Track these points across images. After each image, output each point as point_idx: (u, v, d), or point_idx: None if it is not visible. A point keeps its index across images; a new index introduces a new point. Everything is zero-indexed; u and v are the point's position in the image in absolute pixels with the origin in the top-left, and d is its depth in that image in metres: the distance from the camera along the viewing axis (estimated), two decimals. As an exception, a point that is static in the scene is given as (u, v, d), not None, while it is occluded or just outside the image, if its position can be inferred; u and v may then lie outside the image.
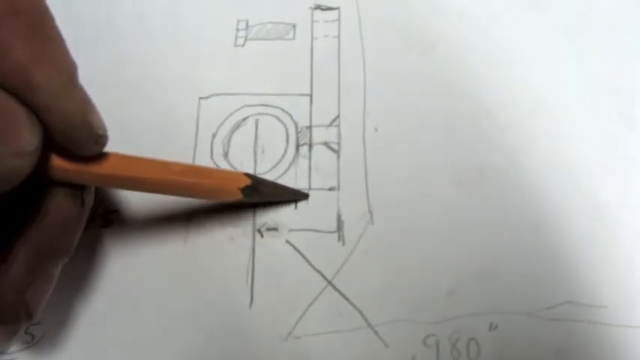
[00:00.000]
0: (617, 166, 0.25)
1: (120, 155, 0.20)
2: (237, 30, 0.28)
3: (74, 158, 0.18)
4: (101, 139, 0.18)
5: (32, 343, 0.23)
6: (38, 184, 0.18)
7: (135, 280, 0.23)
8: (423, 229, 0.24)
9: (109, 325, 0.23)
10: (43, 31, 0.16)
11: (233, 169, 0.25)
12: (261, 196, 0.23)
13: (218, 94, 0.26)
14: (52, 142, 0.17)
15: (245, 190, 0.22)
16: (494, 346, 0.22)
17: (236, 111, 0.26)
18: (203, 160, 0.25)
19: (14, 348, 0.22)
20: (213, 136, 0.26)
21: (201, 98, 0.26)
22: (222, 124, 0.26)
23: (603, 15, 0.28)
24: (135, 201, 0.24)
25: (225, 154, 0.25)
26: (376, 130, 0.26)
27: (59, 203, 0.19)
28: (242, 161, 0.25)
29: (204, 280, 0.23)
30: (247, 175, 0.23)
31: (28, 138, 0.16)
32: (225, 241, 0.24)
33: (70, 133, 0.17)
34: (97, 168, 0.19)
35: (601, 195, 0.24)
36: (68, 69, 0.17)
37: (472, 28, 0.28)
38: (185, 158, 0.25)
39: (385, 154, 0.25)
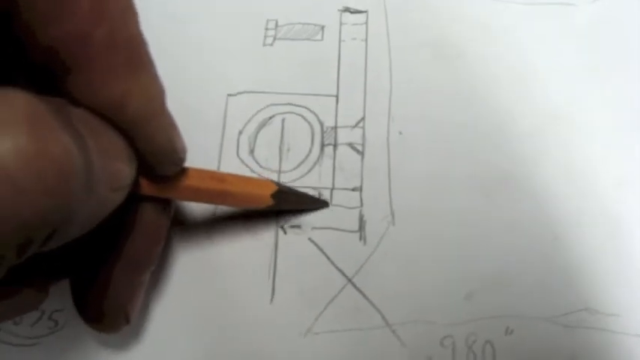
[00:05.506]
0: (635, 178, 0.25)
1: (198, 170, 0.20)
2: (267, 29, 0.28)
3: (157, 176, 0.18)
4: (180, 161, 0.18)
5: (55, 329, 0.23)
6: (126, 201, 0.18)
7: (158, 273, 0.23)
8: (443, 232, 0.24)
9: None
10: (137, 63, 0.16)
11: (259, 168, 0.25)
12: (285, 203, 0.23)
13: (246, 92, 0.27)
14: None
15: (274, 196, 0.22)
16: (510, 350, 0.22)
17: (263, 109, 0.26)
18: (229, 156, 0.25)
19: (39, 333, 0.23)
20: (240, 133, 0.26)
21: (229, 95, 0.27)
22: (249, 121, 0.26)
23: (626, 28, 0.28)
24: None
25: (251, 151, 0.26)
26: (400, 133, 0.26)
27: (150, 217, 0.19)
28: (267, 158, 0.25)
29: (227, 274, 0.23)
30: (272, 181, 0.23)
31: (127, 173, 0.16)
32: (248, 237, 0.24)
33: (155, 157, 0.17)
34: (179, 183, 0.19)
35: (618, 206, 0.24)
36: (158, 96, 0.17)
37: (497, 39, 0.28)
38: (211, 154, 0.25)
39: (408, 157, 0.25)
